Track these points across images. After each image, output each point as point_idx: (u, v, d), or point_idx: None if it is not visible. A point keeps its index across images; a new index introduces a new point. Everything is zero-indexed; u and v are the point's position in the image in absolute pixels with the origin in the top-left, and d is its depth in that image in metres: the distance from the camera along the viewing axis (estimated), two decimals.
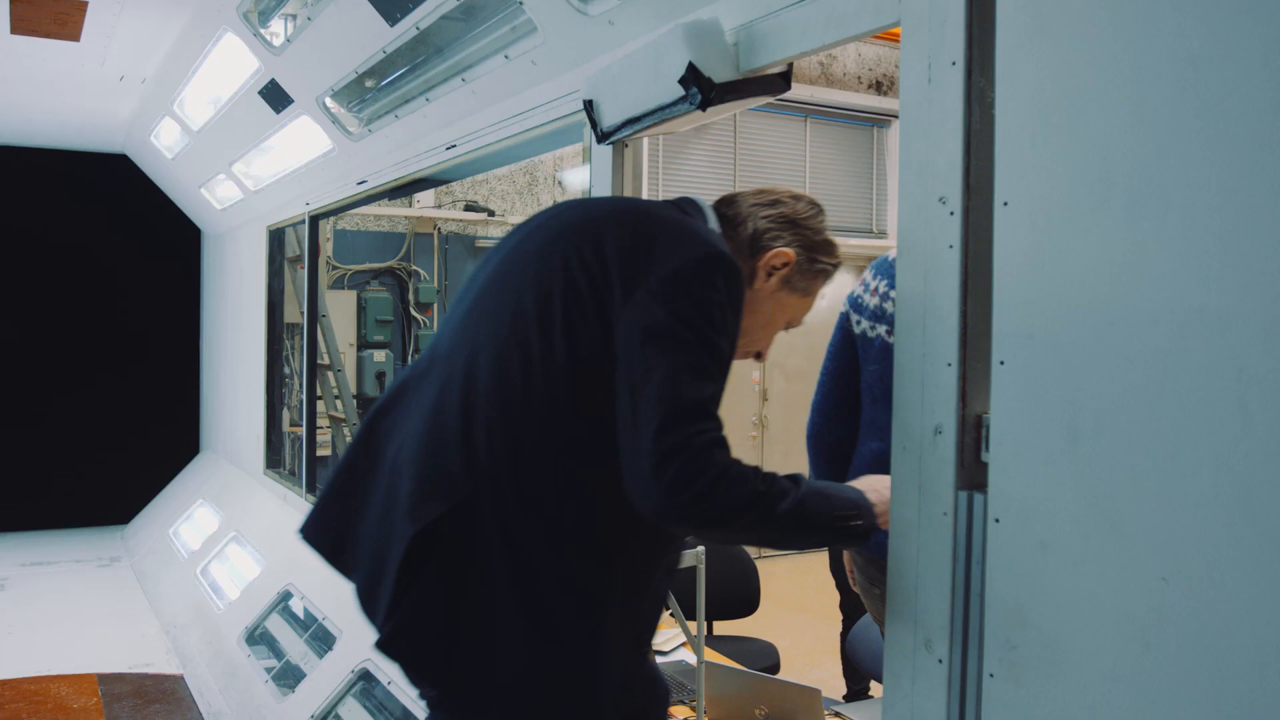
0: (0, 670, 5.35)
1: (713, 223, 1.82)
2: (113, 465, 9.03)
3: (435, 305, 9.28)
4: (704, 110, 2.25)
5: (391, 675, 3.76)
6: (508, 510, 1.54)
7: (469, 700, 1.61)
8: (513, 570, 1.55)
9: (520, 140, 3.41)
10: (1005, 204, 1.44)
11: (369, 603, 1.71)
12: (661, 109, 2.35)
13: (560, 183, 10.12)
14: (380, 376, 8.69)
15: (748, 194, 1.94)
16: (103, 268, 9.12)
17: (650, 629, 1.76)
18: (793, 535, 1.62)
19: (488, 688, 1.58)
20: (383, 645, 1.66)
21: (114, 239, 9.11)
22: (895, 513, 1.65)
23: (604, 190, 2.76)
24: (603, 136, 2.64)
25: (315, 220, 5.78)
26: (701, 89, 2.21)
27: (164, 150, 7.54)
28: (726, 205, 1.91)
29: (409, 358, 9.05)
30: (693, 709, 3.78)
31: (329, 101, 4.64)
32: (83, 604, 6.79)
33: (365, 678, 3.96)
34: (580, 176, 9.67)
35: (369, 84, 4.43)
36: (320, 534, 1.83)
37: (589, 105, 2.67)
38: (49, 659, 5.55)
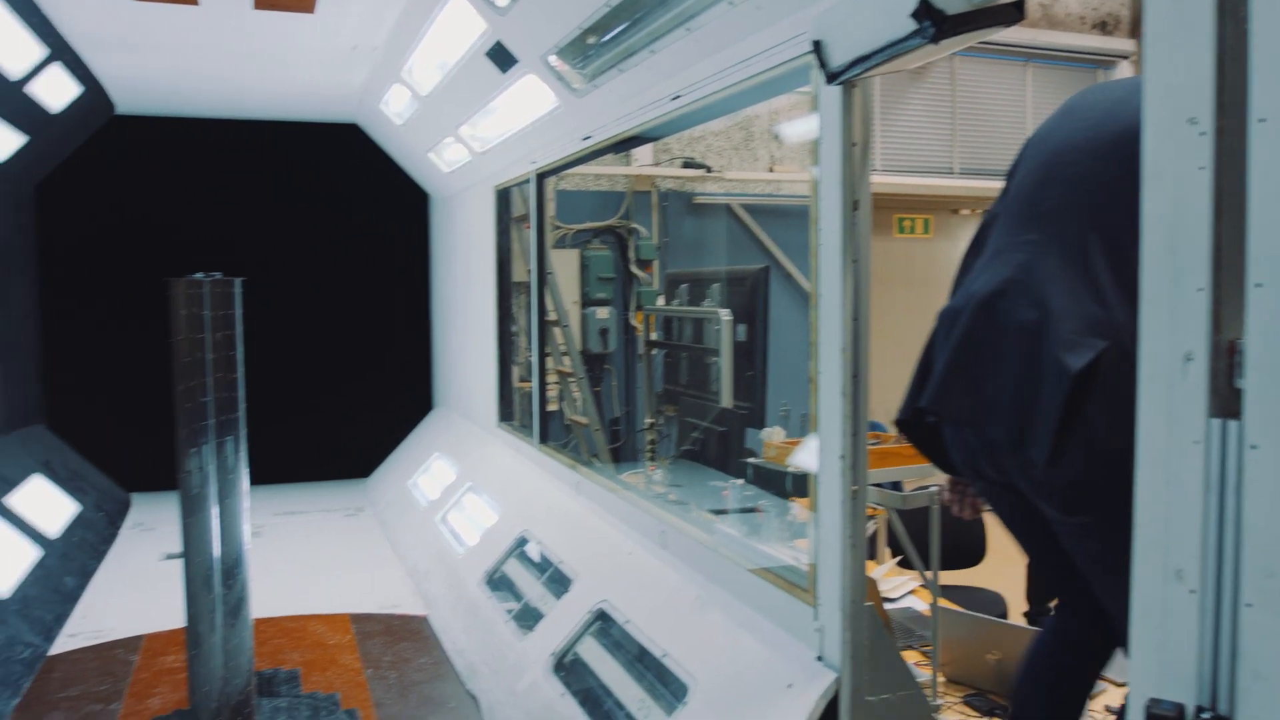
0: (262, 609, 6.11)
1: None
2: (353, 423, 10.00)
3: (655, 262, 9.61)
4: (936, 43, 2.33)
5: (629, 615, 4.08)
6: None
7: (1115, 522, 1.90)
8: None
9: (744, 87, 3.56)
10: (1262, 121, 1.47)
11: (1018, 447, 2.23)
12: (893, 45, 2.44)
13: (777, 136, 10.19)
14: (603, 333, 9.13)
15: None
16: (336, 235, 10.02)
17: None
18: None
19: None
20: (1046, 481, 2.21)
21: (346, 207, 9.99)
22: (1143, 442, 1.71)
23: (833, 137, 2.88)
24: (832, 77, 2.76)
25: (542, 178, 6.16)
26: (934, 21, 2.29)
27: (393, 117, 8.20)
28: None
29: (630, 314, 9.43)
30: (924, 654, 3.90)
31: (553, 59, 4.95)
32: (332, 550, 7.62)
33: (602, 617, 4.30)
34: (798, 129, 9.75)
35: (591, 40, 4.70)
36: (951, 402, 2.41)
37: (817, 46, 2.79)
38: (305, 599, 6.29)
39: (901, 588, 4.87)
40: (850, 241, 2.87)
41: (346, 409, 9.99)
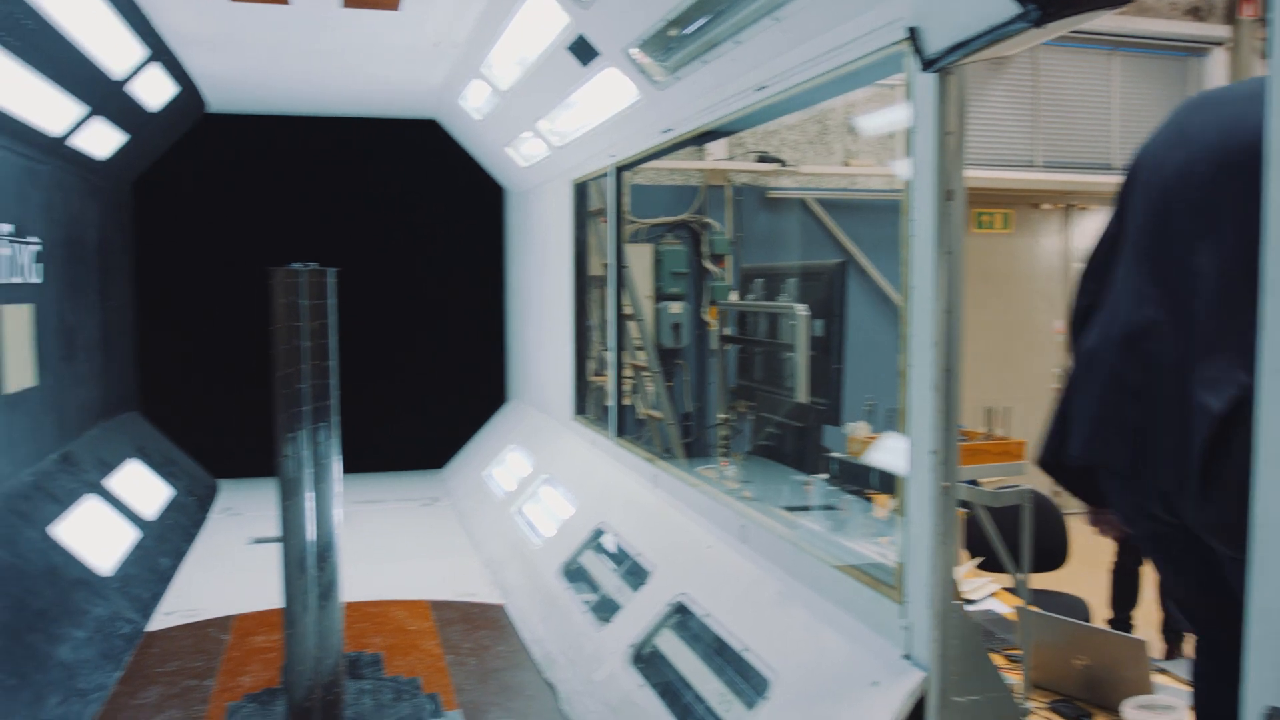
0: (345, 593, 6.21)
1: None
2: (428, 414, 10.13)
3: (729, 257, 9.56)
4: (1041, 26, 2.26)
5: (708, 608, 4.06)
6: None
7: None
8: None
9: (833, 77, 3.50)
10: None
11: (1185, 491, 2.17)
12: (994, 29, 2.37)
13: (852, 129, 10.06)
14: (676, 328, 9.11)
15: None
16: (414, 229, 10.13)
17: None
18: None
19: None
20: (1214, 519, 2.13)
21: (423, 201, 10.10)
22: (1262, 455, 1.63)
23: (927, 126, 2.81)
24: (928, 64, 2.69)
25: (621, 171, 6.16)
26: (1040, 3, 2.21)
27: (472, 112, 8.26)
28: None
29: (702, 309, 9.40)
30: (1007, 658, 3.79)
31: (635, 52, 4.93)
32: (410, 538, 7.72)
33: (681, 610, 4.28)
34: (876, 121, 9.60)
35: (673, 32, 4.67)
36: (1108, 451, 2.36)
37: (913, 32, 2.72)
38: (386, 585, 6.37)
39: (982, 589, 4.76)
40: (944, 232, 2.80)
41: (422, 401, 10.11)
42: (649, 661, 4.26)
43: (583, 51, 5.38)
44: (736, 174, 9.60)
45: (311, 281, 3.53)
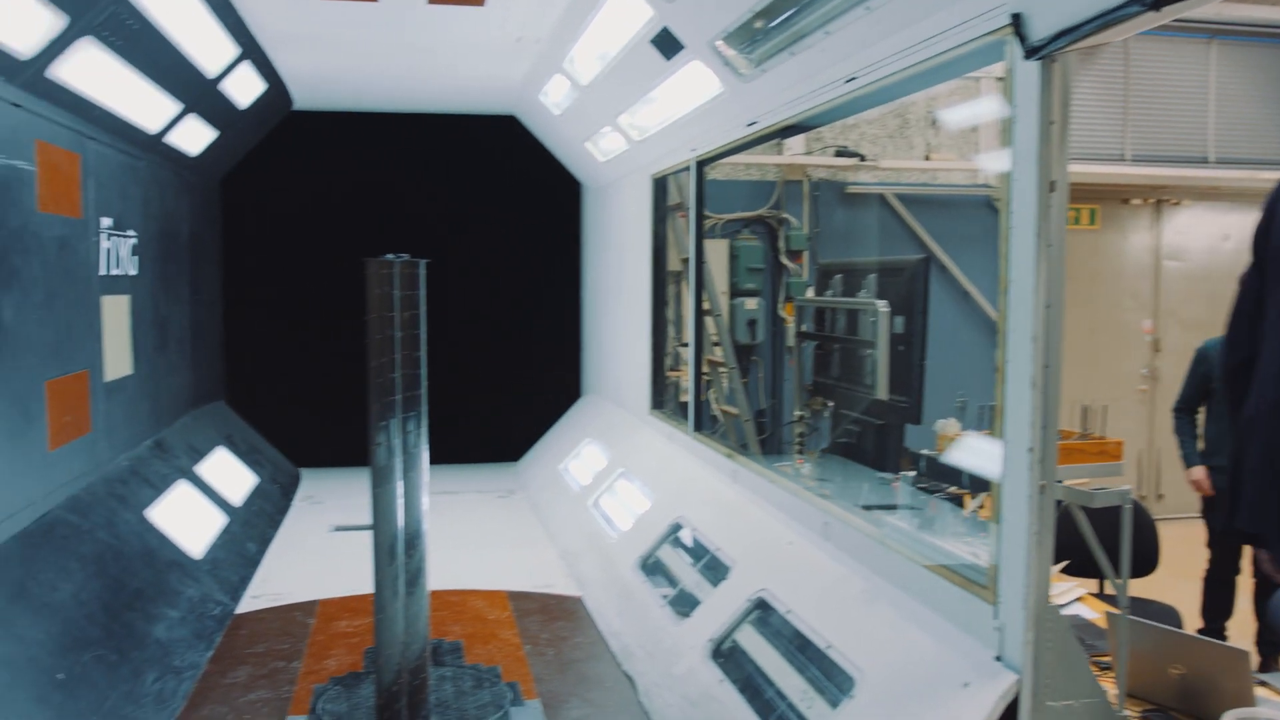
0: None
1: None
2: (504, 407, 10.21)
3: (805, 253, 9.48)
4: (1158, 10, 2.18)
5: (790, 604, 4.01)
6: None
7: None
8: None
9: (927, 67, 3.43)
10: None
11: None
12: (1106, 14, 2.29)
13: (934, 123, 9.90)
14: (751, 324, 9.05)
15: None
16: (492, 224, 10.20)
17: None
18: None
19: None
20: None
21: (501, 196, 10.17)
22: None
23: (1029, 115, 2.73)
24: (1032, 52, 2.62)
25: (701, 165, 6.13)
26: None
27: (551, 108, 8.30)
28: None
29: (779, 305, 9.33)
30: (1096, 665, 3.68)
31: (720, 44, 4.90)
32: (487, 529, 7.78)
33: (761, 606, 4.24)
34: (959, 114, 9.41)
35: (759, 24, 4.63)
36: (1270, 521, 2.38)
37: (1016, 19, 2.65)
38: (464, 575, 6.43)
39: (1068, 594, 4.64)
40: (1045, 225, 2.72)
41: (498, 394, 10.20)
42: (729, 657, 4.23)
43: (666, 45, 5.36)
44: (814, 169, 9.51)
45: (404, 272, 3.57)
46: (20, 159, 4.59)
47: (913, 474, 4.56)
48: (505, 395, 10.23)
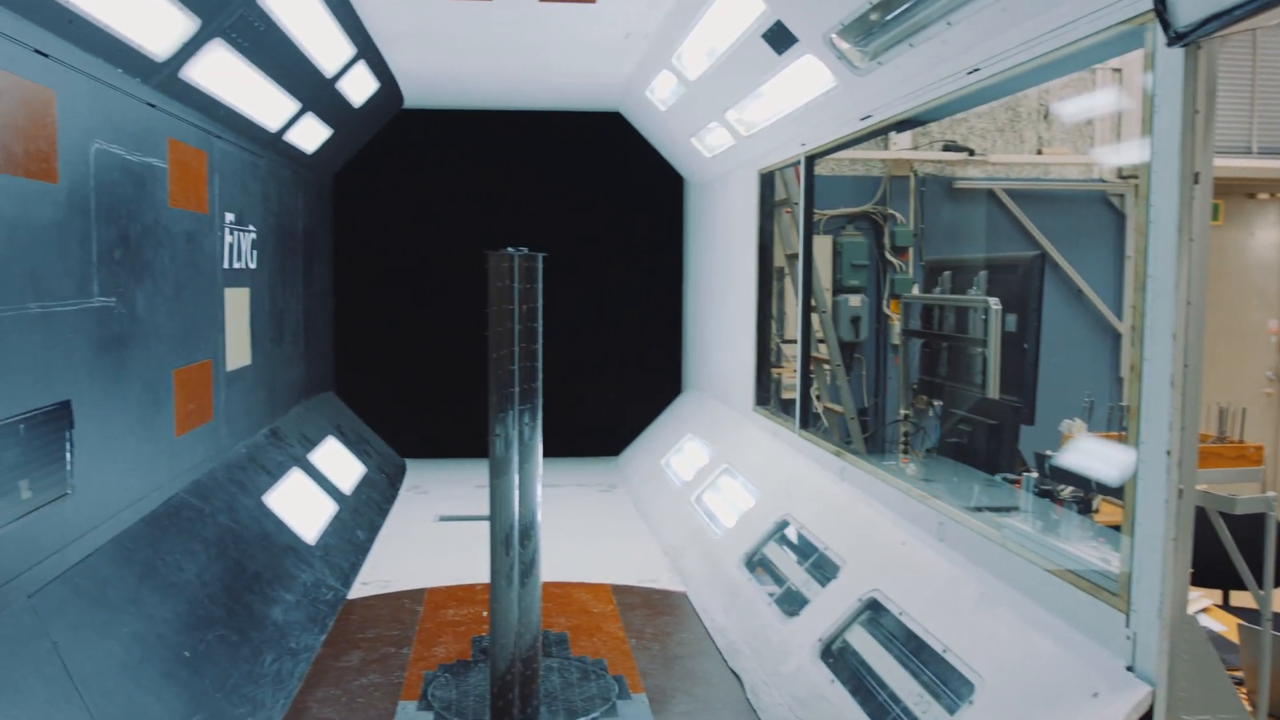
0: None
1: None
2: (605, 402, 10.29)
3: (911, 249, 9.32)
4: None
5: (903, 606, 3.94)
6: None
7: None
8: None
9: (1056, 56, 3.32)
10: None
11: None
12: None
13: (1046, 116, 9.62)
14: (855, 321, 8.93)
15: None
16: (594, 220, 10.28)
17: None
18: None
19: None
20: None
21: (605, 193, 10.25)
22: None
23: (1172, 104, 2.63)
24: (1177, 38, 2.52)
25: (811, 160, 6.06)
26: None
27: (658, 104, 8.31)
28: None
29: (883, 303, 9.19)
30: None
31: (835, 37, 4.83)
32: (590, 523, 7.84)
33: (873, 607, 4.18)
34: (1075, 107, 9.13)
35: (874, 16, 4.55)
36: None
37: (1160, 4, 2.55)
38: (568, 567, 6.48)
39: (1193, 604, 4.46)
40: (1187, 218, 2.62)
41: (600, 388, 10.28)
42: (839, 657, 4.18)
43: (779, 39, 5.31)
44: (921, 164, 9.33)
45: (523, 266, 3.61)
46: (154, 157, 4.80)
47: (1034, 475, 4.43)
48: (607, 390, 10.32)
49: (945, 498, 4.26)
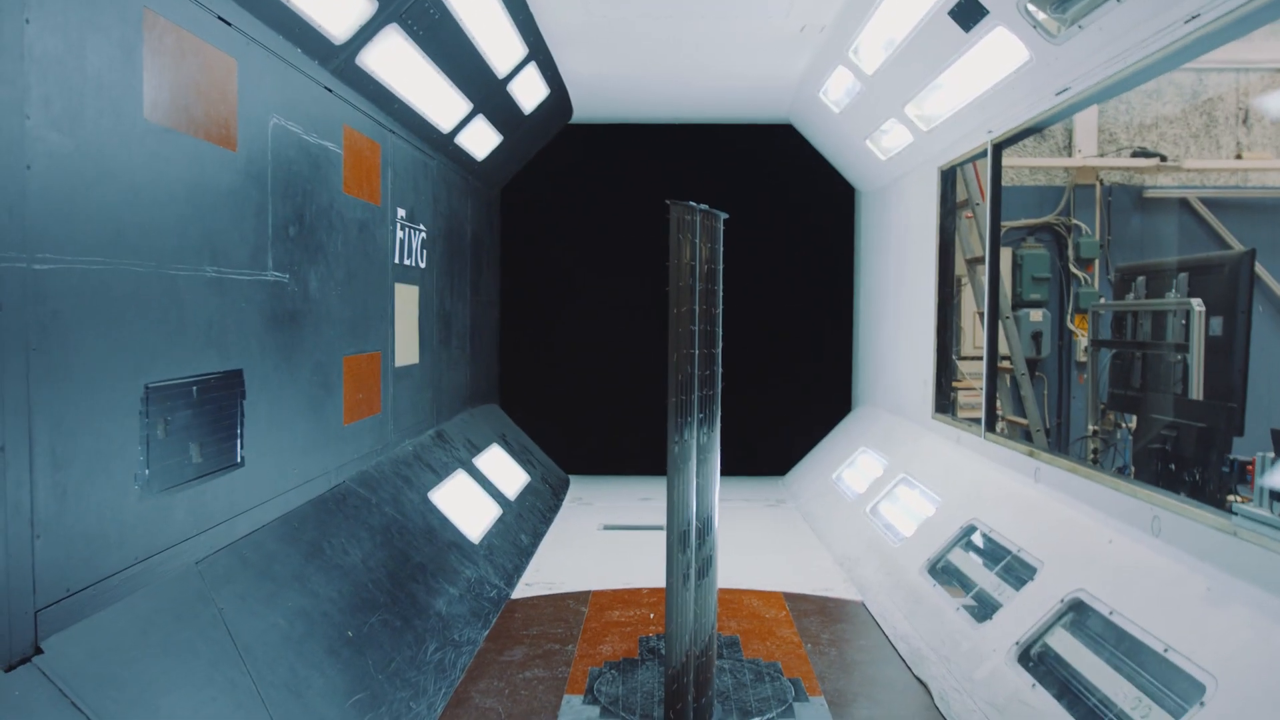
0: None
1: None
2: (772, 422, 10.14)
3: (1097, 261, 8.85)
4: None
5: (1113, 605, 3.65)
6: None
7: None
8: None
9: None
10: None
11: None
12: None
13: (1245, 120, 9.02)
14: (1037, 336, 8.50)
15: None
16: (765, 235, 10.16)
17: None
18: None
19: None
20: None
21: (775, 206, 10.14)
22: None
23: None
24: None
25: (999, 149, 5.81)
26: None
27: (831, 105, 8.16)
28: None
29: (1068, 318, 8.74)
30: None
31: (1030, 5, 4.62)
32: (758, 534, 7.68)
33: (1076, 608, 3.88)
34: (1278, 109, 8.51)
35: None
36: None
37: None
38: (739, 575, 6.35)
39: None
40: None
41: (768, 409, 10.14)
42: (1039, 661, 3.90)
43: (967, 13, 5.13)
44: (1108, 172, 8.88)
45: (705, 224, 3.54)
46: (329, 140, 4.97)
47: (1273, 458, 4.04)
48: (775, 410, 10.20)
49: (1161, 489, 3.94)
